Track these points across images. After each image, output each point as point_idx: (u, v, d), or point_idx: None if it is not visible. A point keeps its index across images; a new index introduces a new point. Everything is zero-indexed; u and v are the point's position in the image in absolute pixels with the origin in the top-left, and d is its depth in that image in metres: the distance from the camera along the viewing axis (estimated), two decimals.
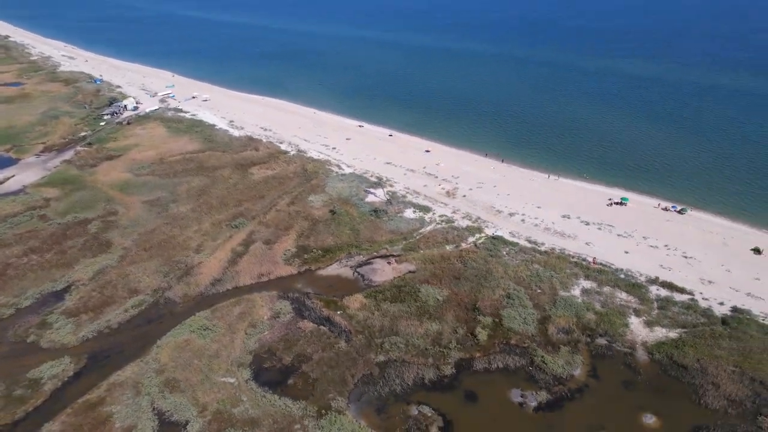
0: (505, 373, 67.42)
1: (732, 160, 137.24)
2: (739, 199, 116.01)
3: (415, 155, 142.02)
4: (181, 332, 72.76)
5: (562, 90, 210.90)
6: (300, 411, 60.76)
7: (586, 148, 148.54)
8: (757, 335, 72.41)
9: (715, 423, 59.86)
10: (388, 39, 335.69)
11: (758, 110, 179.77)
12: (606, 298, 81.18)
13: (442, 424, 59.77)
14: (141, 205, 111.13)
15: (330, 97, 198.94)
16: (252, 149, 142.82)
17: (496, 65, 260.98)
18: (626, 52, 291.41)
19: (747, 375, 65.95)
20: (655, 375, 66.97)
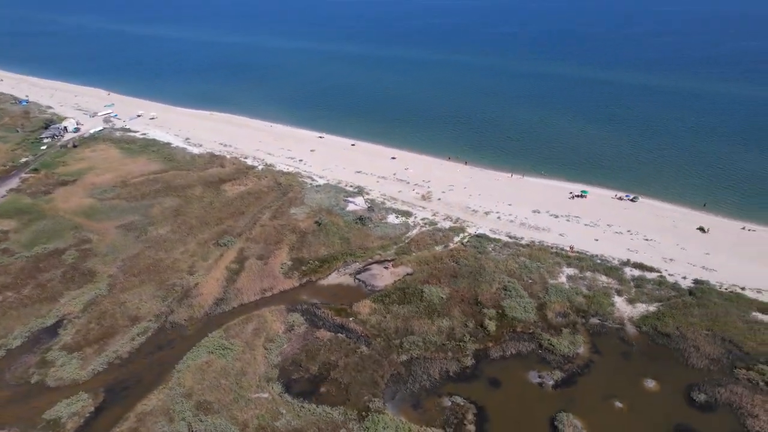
0: (519, 358, 73.04)
1: (664, 152, 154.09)
2: (677, 185, 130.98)
3: (383, 162, 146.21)
4: (199, 354, 71.79)
5: (504, 93, 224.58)
6: (341, 416, 62.58)
7: (537, 147, 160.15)
8: (718, 302, 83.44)
9: (702, 380, 68.73)
10: (333, 49, 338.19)
11: (674, 106, 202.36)
12: (590, 282, 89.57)
13: (476, 410, 63.92)
14: (115, 230, 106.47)
15: (283, 109, 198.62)
16: (217, 166, 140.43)
17: (439, 71, 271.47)
18: (554, 55, 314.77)
19: (718, 336, 76.12)
20: (646, 345, 75.46)
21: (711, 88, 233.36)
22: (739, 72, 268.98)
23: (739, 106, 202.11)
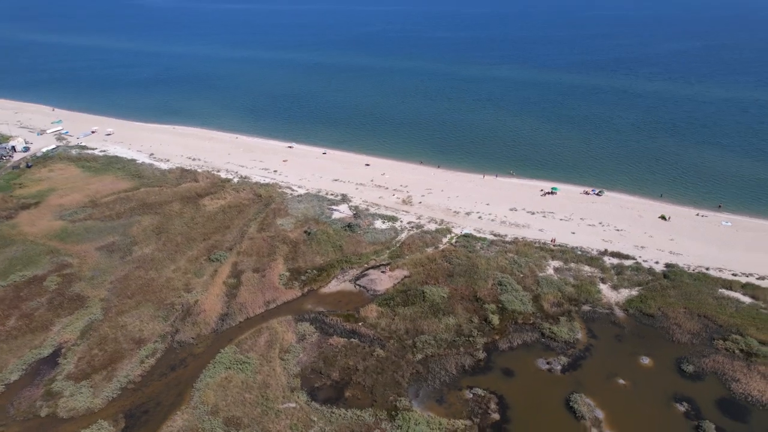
0: (526, 348, 77.75)
1: (615, 147, 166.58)
2: (634, 178, 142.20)
3: (358, 170, 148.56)
4: (217, 371, 71.24)
5: (459, 98, 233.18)
6: (371, 418, 64.43)
7: (500, 148, 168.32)
8: (689, 282, 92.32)
9: (688, 353, 76.22)
10: (284, 58, 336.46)
11: (615, 104, 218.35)
12: (575, 272, 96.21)
13: (497, 399, 67.75)
14: (96, 252, 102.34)
15: (245, 120, 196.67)
16: (191, 181, 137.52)
17: (394, 78, 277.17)
18: (497, 59, 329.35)
19: (695, 313, 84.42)
20: (635, 326, 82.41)
21: (648, 86, 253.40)
22: (670, 71, 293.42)
23: (673, 104, 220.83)
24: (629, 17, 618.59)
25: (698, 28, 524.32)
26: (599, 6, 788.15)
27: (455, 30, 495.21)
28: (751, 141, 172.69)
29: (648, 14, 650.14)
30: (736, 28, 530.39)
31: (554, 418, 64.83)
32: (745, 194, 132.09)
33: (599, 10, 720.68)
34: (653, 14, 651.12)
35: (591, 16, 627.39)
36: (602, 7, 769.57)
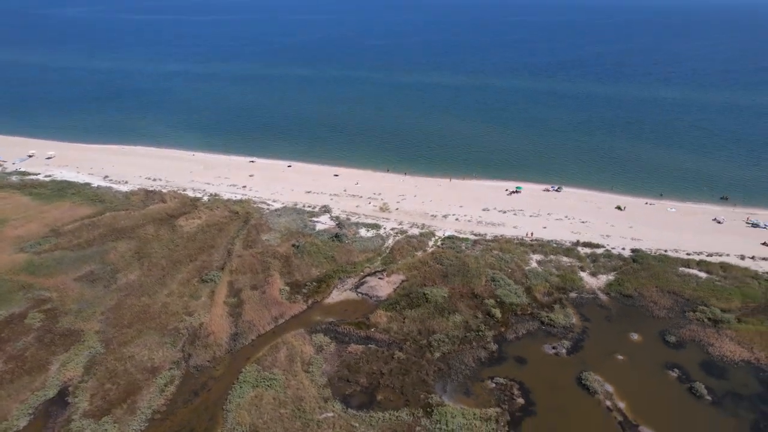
0: (530, 336, 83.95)
1: (559, 146, 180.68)
2: (585, 173, 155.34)
3: (328, 181, 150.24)
4: (245, 390, 70.85)
5: (404, 105, 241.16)
6: (409, 417, 67.29)
7: (456, 151, 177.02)
8: (654, 263, 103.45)
9: (668, 326, 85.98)
10: (217, 71, 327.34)
11: (553, 105, 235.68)
12: (556, 263, 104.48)
13: (518, 385, 73.07)
14: (75, 283, 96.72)
15: (198, 137, 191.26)
16: (158, 202, 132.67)
17: (336, 87, 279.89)
18: (432, 66, 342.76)
19: (665, 290, 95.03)
20: (618, 307, 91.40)
21: (577, 88, 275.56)
22: (595, 72, 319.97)
23: (601, 103, 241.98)
24: (546, 23, 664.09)
25: (612, 33, 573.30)
26: (518, 13, 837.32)
27: (387, 37, 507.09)
28: (671, 135, 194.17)
29: (563, 20, 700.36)
30: (644, 31, 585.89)
31: (572, 396, 71.05)
32: (678, 182, 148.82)
33: (519, 16, 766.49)
34: (567, 20, 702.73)
35: (513, 22, 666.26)
36: (520, 14, 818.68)
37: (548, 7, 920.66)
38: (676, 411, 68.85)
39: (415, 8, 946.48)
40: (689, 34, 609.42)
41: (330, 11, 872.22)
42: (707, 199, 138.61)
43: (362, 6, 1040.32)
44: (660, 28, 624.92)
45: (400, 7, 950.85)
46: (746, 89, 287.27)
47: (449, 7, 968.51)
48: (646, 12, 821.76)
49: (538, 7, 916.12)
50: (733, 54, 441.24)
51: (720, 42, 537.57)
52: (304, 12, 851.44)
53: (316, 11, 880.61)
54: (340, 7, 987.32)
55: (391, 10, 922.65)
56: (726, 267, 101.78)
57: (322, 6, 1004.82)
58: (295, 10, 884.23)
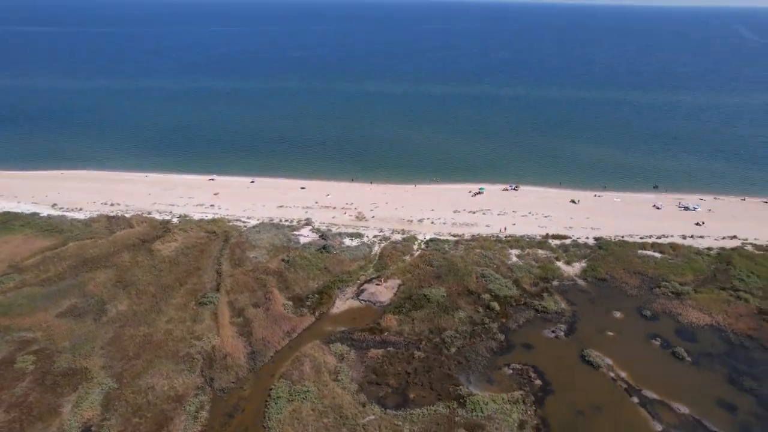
0: (529, 324, 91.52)
1: (503, 147, 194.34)
2: (534, 171, 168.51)
3: (296, 194, 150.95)
4: (281, 406, 71.45)
5: (347, 115, 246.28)
6: (446, 409, 71.65)
7: (411, 157, 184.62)
8: (616, 248, 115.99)
9: (642, 302, 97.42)
10: (149, 86, 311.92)
11: (485, 110, 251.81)
12: (533, 256, 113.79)
13: (532, 369, 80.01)
14: (59, 320, 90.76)
15: (145, 157, 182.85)
16: (125, 227, 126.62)
17: (270, 99, 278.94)
18: (361, 75, 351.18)
19: (631, 271, 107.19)
20: (597, 290, 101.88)
21: (501, 92, 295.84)
22: (511, 77, 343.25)
23: (526, 105, 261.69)
24: (451, 30, 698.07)
25: (517, 39, 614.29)
26: (424, 21, 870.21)
27: (307, 48, 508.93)
28: (596, 132, 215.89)
29: (466, 28, 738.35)
30: (547, 37, 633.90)
31: (581, 372, 79.09)
32: (615, 175, 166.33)
33: (433, 24, 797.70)
34: (469, 28, 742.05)
35: (428, 30, 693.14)
36: (426, 21, 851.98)
37: (454, 14, 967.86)
38: (667, 373, 79.05)
39: (325, 19, 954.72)
40: (594, 39, 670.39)
41: (239, 23, 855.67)
42: (642, 189, 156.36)
43: (270, 17, 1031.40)
44: (558, 33, 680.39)
45: (309, 18, 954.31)
46: (650, 89, 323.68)
47: (360, 17, 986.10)
48: (543, 17, 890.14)
49: (443, 13, 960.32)
50: (634, 56, 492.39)
51: (621, 46, 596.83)
52: (215, 24, 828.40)
53: (230, 23, 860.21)
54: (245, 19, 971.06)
55: (303, 21, 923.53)
56: (675, 246, 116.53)
57: (230, 18, 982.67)
58: (206, 21, 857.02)
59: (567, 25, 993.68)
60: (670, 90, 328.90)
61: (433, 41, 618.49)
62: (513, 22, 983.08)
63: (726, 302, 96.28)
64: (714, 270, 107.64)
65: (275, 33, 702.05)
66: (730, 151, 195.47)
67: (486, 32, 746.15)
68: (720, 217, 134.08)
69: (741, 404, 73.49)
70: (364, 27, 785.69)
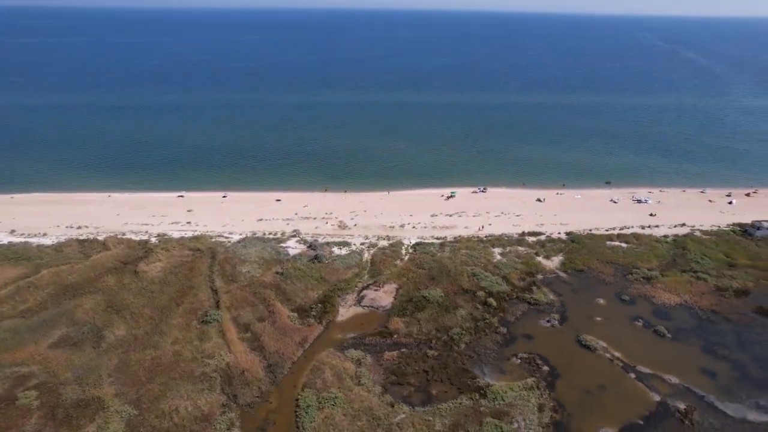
0: (526, 316, 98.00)
1: (462, 152, 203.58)
2: (496, 173, 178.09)
3: (273, 206, 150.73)
4: (312, 414, 72.68)
5: (301, 126, 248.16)
6: (469, 401, 75.98)
7: (375, 166, 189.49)
8: (587, 241, 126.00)
9: (619, 288, 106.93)
10: (88, 101, 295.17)
11: (435, 117, 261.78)
12: (515, 253, 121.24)
13: (538, 357, 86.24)
14: (54, 351, 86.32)
15: (103, 176, 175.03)
16: (101, 250, 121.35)
17: (220, 111, 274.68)
18: (307, 85, 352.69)
19: (604, 261, 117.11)
20: (577, 280, 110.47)
21: (444, 98, 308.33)
22: (453, 83, 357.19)
23: (474, 111, 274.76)
24: (384, 38, 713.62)
25: (451, 47, 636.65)
26: (359, 29, 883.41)
27: (247, 59, 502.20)
28: (541, 133, 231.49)
29: (405, 36, 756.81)
30: (476, 44, 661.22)
31: (580, 356, 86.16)
32: (569, 173, 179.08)
33: (365, 32, 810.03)
34: (409, 36, 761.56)
35: (360, 39, 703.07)
36: (361, 30, 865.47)
37: (387, 22, 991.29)
38: (654, 350, 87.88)
39: (257, 29, 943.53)
40: (525, 45, 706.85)
41: (168, 34, 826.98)
42: (597, 185, 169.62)
43: (200, 27, 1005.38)
44: (492, 40, 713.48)
45: (240, 28, 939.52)
46: (583, 91, 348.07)
47: (295, 27, 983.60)
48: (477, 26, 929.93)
49: (370, 23, 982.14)
50: (564, 61, 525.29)
51: (551, 52, 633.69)
52: (142, 35, 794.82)
53: (161, 34, 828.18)
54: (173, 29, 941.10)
55: (236, 31, 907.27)
56: (637, 236, 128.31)
57: (154, 29, 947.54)
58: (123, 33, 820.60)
59: (500, 32, 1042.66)
60: (600, 92, 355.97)
61: (375, 49, 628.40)
62: (450, 30, 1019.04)
63: (689, 283, 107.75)
64: (673, 255, 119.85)
65: (209, 43, 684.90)
66: (664, 148, 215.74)
67: (427, 39, 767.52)
68: (668, 208, 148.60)
69: (719, 370, 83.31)
70: (302, 36, 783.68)
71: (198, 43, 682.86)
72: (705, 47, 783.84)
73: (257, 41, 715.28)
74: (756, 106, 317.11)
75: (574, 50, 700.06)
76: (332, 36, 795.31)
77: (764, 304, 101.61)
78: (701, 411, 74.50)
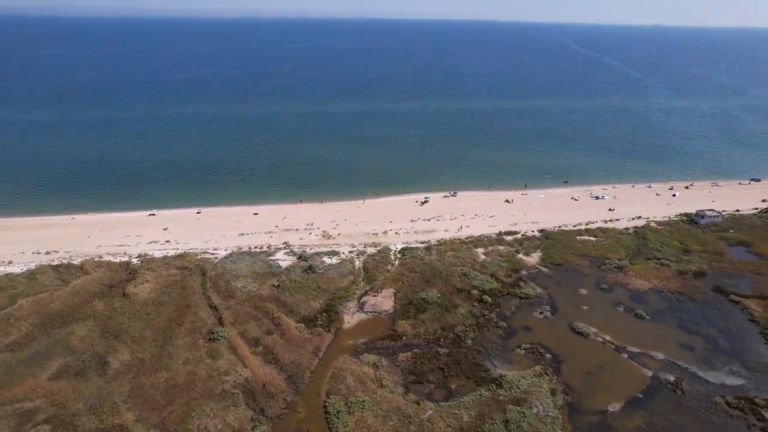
0: (519, 310, 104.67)
1: (424, 158, 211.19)
2: (459, 177, 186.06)
3: (252, 220, 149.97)
4: (344, 419, 74.67)
5: (258, 138, 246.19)
6: (488, 392, 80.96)
7: (342, 174, 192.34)
8: (560, 237, 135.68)
9: (596, 278, 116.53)
10: (22, 118, 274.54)
11: (391, 125, 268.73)
12: (497, 252, 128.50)
13: (540, 346, 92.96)
14: (57, 383, 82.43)
15: (61, 198, 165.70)
16: (81, 275, 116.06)
17: (168, 126, 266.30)
18: (254, 96, 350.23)
19: (579, 254, 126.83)
20: (558, 274, 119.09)
21: (396, 107, 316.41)
22: (408, 91, 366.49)
23: (426, 118, 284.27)
24: (320, 49, 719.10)
25: (381, 57, 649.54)
26: (295, 39, 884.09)
27: (184, 71, 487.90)
28: (495, 137, 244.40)
29: (348, 45, 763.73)
30: (414, 51, 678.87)
31: (576, 342, 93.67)
32: (528, 174, 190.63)
33: (297, 43, 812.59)
34: (351, 46, 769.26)
35: (292, 50, 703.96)
36: (297, 40, 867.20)
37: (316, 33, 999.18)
38: (638, 331, 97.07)
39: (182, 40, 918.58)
40: (459, 52, 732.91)
41: (94, 45, 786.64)
42: (556, 184, 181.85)
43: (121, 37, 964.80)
44: (428, 46, 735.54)
45: (164, 40, 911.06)
46: (521, 96, 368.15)
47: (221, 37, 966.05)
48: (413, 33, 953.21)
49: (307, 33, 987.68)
50: (499, 67, 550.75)
51: (484, 58, 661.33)
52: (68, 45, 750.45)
53: (86, 45, 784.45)
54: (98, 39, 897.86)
55: (165, 42, 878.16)
56: (603, 230, 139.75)
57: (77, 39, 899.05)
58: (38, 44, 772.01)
59: (436, 40, 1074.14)
60: (537, 96, 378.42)
61: (318, 59, 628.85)
62: (389, 38, 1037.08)
63: (655, 269, 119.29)
64: (637, 245, 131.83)
65: (132, 54, 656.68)
66: (606, 147, 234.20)
67: (365, 49, 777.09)
68: (623, 202, 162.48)
69: (695, 344, 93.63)
70: (233, 47, 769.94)
71: (123, 54, 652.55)
72: (621, 54, 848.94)
73: (184, 52, 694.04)
74: (673, 107, 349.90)
75: (507, 57, 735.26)
76: (268, 46, 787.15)
77: (719, 283, 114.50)
78: (688, 380, 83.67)
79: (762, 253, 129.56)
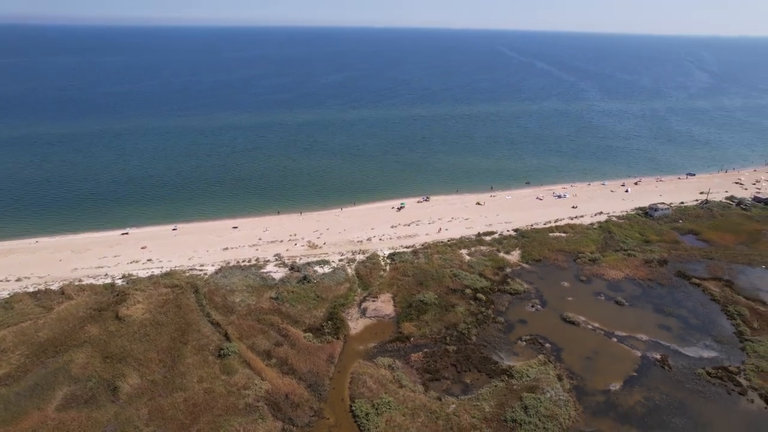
0: (513, 305, 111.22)
1: (391, 166, 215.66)
2: (402, 183, 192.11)
3: (233, 234, 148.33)
4: (374, 420, 77.13)
5: (217, 152, 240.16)
6: (502, 383, 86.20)
7: (314, 184, 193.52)
8: (534, 235, 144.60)
9: (575, 271, 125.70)
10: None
11: (347, 133, 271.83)
12: (480, 252, 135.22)
13: (539, 337, 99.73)
14: (66, 413, 79.07)
15: (17, 220, 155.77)
16: (64, 300, 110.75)
17: (116, 141, 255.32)
18: (202, 108, 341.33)
19: (554, 250, 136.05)
20: (540, 269, 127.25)
21: (349, 115, 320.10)
22: (356, 100, 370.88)
23: (382, 125, 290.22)
24: (263, 57, 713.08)
25: (324, 65, 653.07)
26: (238, 49, 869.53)
27: (126, 83, 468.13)
28: (452, 143, 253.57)
29: (287, 54, 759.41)
30: (355, 59, 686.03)
31: (568, 331, 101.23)
32: (492, 177, 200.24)
33: (232, 53, 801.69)
34: (291, 54, 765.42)
35: (230, 59, 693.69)
36: (238, 50, 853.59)
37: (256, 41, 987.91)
38: (621, 316, 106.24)
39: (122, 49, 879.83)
40: (398, 59, 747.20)
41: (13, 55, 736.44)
42: (519, 185, 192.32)
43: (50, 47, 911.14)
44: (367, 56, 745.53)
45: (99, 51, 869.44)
46: (467, 102, 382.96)
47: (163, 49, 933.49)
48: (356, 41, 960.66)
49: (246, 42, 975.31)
50: (441, 73, 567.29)
51: (425, 65, 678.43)
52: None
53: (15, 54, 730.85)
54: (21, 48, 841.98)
55: (100, 53, 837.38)
56: (571, 227, 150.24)
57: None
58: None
59: (375, 48, 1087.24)
60: (484, 102, 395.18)
61: (256, 68, 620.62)
62: (330, 46, 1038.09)
63: (624, 260, 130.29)
64: (604, 239, 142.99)
65: (64, 65, 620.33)
66: (557, 149, 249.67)
67: (307, 58, 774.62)
68: (583, 200, 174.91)
69: (671, 325, 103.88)
70: (168, 58, 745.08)
71: (58, 64, 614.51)
72: (553, 59, 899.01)
73: (121, 63, 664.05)
74: (610, 109, 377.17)
75: (446, 64, 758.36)
76: (207, 56, 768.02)
77: (680, 269, 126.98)
78: (672, 357, 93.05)
79: (709, 239, 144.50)
